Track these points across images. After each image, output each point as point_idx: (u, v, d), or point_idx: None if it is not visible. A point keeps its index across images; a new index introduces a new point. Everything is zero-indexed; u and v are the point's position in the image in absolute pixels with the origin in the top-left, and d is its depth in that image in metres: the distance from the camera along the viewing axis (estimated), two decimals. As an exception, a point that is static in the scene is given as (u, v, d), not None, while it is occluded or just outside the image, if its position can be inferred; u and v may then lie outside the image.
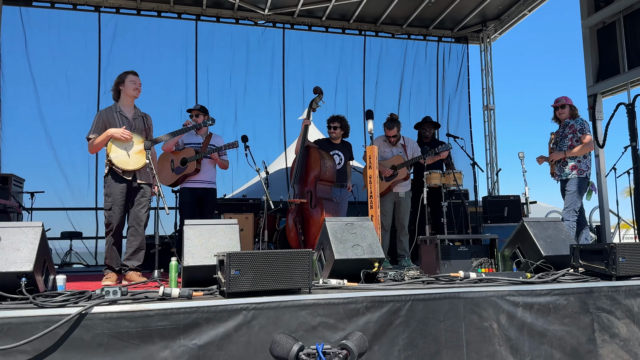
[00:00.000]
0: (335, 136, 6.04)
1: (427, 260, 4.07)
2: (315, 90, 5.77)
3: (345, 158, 6.04)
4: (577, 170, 5.56)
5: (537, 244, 3.87)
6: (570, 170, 5.58)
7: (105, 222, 4.48)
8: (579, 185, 5.52)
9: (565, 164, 5.63)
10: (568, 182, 5.56)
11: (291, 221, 5.46)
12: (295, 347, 1.64)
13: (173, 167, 5.64)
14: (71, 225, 8.41)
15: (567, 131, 5.71)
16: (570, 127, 5.71)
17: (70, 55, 8.74)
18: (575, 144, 5.60)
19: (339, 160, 5.98)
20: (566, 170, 5.62)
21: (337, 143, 6.07)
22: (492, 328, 3.13)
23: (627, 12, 7.49)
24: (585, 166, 5.60)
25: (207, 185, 5.71)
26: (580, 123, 5.71)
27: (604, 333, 3.33)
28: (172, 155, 5.69)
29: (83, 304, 2.59)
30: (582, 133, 5.63)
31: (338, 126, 6.03)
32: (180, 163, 5.61)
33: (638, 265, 3.44)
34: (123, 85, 4.69)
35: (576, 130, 5.66)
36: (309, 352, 1.64)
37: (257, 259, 2.82)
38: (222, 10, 9.22)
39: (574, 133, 5.67)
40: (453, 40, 10.59)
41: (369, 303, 2.93)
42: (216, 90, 9.48)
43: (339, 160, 5.97)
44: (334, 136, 6.04)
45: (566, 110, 5.81)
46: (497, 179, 9.96)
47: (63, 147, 8.58)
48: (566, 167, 5.63)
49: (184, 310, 2.66)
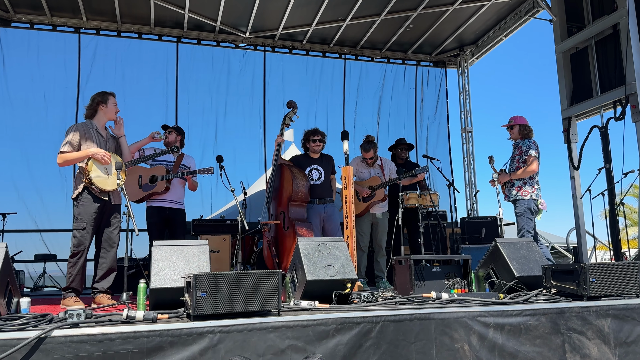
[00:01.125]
0: (317, 149, 5.80)
1: (401, 280, 4.05)
2: (289, 105, 5.63)
3: (327, 172, 5.79)
4: (522, 191, 5.60)
5: (509, 264, 3.89)
6: (516, 192, 5.62)
7: (75, 243, 4.34)
8: (527, 207, 5.56)
9: (512, 185, 5.67)
10: (516, 204, 5.61)
11: (266, 243, 5.40)
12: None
13: (141, 183, 5.44)
14: (45, 248, 8.25)
15: (515, 152, 5.77)
16: (519, 149, 5.76)
17: (49, 77, 8.68)
18: (521, 166, 5.64)
19: (319, 175, 5.74)
20: (513, 191, 5.65)
21: (315, 157, 5.85)
22: (463, 349, 3.10)
23: (598, 37, 7.70)
24: (530, 187, 5.62)
25: (176, 205, 5.57)
26: (527, 145, 5.72)
27: (575, 354, 3.32)
28: (140, 171, 5.49)
29: (43, 327, 2.52)
30: (527, 155, 5.67)
31: (320, 139, 5.80)
32: (149, 180, 5.43)
33: (609, 286, 3.47)
34: (105, 105, 4.64)
35: (522, 152, 5.70)
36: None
37: (224, 280, 2.78)
38: (203, 32, 9.27)
39: (520, 155, 5.71)
40: (431, 64, 10.76)
41: (339, 325, 2.90)
42: (197, 111, 9.46)
43: (318, 175, 5.74)
44: (317, 149, 5.80)
45: (515, 131, 5.84)
46: (476, 201, 10.03)
47: (40, 168, 8.46)
48: (513, 188, 5.66)
49: (147, 333, 2.60)
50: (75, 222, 4.41)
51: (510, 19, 9.26)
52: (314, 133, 5.85)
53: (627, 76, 6.99)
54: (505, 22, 9.40)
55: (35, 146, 8.50)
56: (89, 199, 4.44)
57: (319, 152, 5.86)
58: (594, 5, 7.71)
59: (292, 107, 5.63)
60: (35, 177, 8.42)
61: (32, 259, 8.00)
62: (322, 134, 5.85)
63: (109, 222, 4.58)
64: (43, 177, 8.45)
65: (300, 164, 5.77)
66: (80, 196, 4.45)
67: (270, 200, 5.53)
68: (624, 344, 3.42)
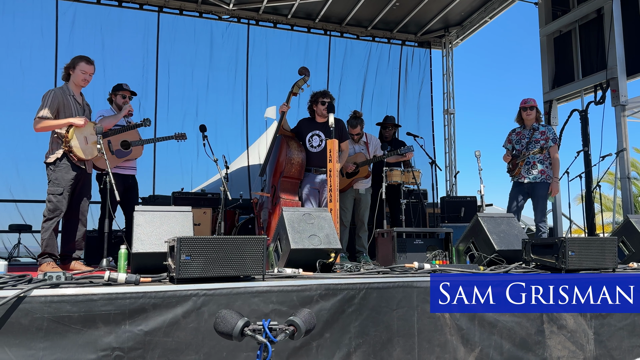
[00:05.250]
0: (325, 113, 5.35)
1: (384, 252, 4.08)
2: (301, 71, 5.20)
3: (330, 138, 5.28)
4: (546, 175, 5.70)
5: (490, 238, 3.94)
6: (540, 175, 5.70)
7: (50, 207, 4.25)
8: (547, 190, 5.70)
9: (534, 167, 5.72)
10: (538, 186, 5.68)
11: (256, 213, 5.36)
12: (241, 322, 1.58)
13: (112, 149, 5.19)
14: (21, 218, 8.09)
15: (538, 136, 5.79)
16: (542, 134, 5.79)
17: (25, 43, 8.42)
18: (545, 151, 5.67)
19: (319, 142, 5.39)
20: (535, 172, 5.71)
21: (320, 122, 5.48)
22: (443, 317, 3.14)
23: (582, 21, 7.77)
24: (550, 171, 5.75)
25: (135, 172, 5.42)
26: (553, 133, 5.84)
27: (552, 324, 3.40)
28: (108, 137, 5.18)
29: (22, 286, 2.47)
30: (555, 143, 5.76)
31: (330, 102, 5.36)
32: (121, 146, 5.21)
33: (587, 259, 3.54)
34: (73, 70, 4.54)
35: (549, 139, 5.75)
36: (254, 327, 1.60)
37: (208, 244, 2.76)
38: (185, 2, 9.07)
39: (546, 140, 5.75)
40: (416, 45, 10.74)
41: (323, 291, 2.91)
42: (177, 84, 9.28)
43: (318, 142, 5.40)
44: (324, 113, 5.38)
45: (533, 113, 5.85)
46: (456, 181, 10.12)
47: (16, 137, 8.24)
48: (535, 170, 5.72)
49: (129, 295, 2.57)
50: (52, 186, 4.31)
51: (496, 1, 9.27)
52: (324, 95, 5.47)
53: (609, 61, 7.09)
54: (490, 4, 9.41)
55: (11, 115, 8.26)
56: (67, 165, 4.36)
57: (326, 117, 5.38)
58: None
59: (304, 74, 5.24)
60: (10, 146, 8.21)
61: (7, 230, 7.84)
62: (331, 97, 5.51)
63: (83, 191, 4.56)
64: (19, 146, 8.23)
65: (302, 129, 5.54)
66: (59, 162, 4.36)
67: (265, 171, 5.44)
68: (600, 316, 3.50)
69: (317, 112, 5.53)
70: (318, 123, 5.56)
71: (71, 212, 4.46)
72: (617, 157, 6.97)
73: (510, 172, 5.87)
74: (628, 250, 4.36)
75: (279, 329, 1.64)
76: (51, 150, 4.41)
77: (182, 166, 9.06)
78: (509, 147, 6.02)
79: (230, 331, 1.57)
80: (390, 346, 3.02)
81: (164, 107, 9.13)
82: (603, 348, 3.55)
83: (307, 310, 1.70)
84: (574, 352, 3.53)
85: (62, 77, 4.60)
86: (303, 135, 5.53)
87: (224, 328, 1.58)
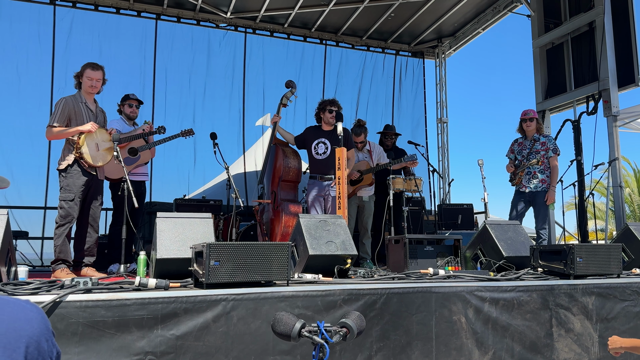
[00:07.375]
0: (332, 122, 5.46)
1: (395, 259, 4.17)
2: (288, 84, 5.47)
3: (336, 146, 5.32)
4: (547, 184, 5.86)
5: (498, 245, 4.05)
6: (541, 184, 5.85)
7: (62, 214, 4.28)
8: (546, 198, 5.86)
9: (534, 177, 5.87)
10: (539, 194, 5.82)
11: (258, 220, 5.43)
12: (298, 324, 1.66)
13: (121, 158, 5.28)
14: (16, 225, 8.01)
15: (539, 147, 5.94)
16: (543, 144, 5.94)
17: (22, 48, 8.38)
18: (545, 161, 5.85)
19: (324, 149, 5.50)
20: (535, 182, 5.86)
21: (326, 130, 5.59)
22: (460, 322, 3.24)
23: (574, 34, 8.00)
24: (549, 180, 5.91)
25: (147, 178, 5.48)
26: (554, 144, 5.99)
27: (561, 328, 3.52)
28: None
29: (56, 292, 2.50)
30: (555, 153, 5.92)
31: (338, 111, 5.45)
32: (129, 153, 5.29)
33: (594, 265, 3.67)
34: (82, 78, 4.59)
35: (549, 149, 5.91)
36: (310, 329, 1.67)
37: (236, 250, 2.82)
38: (183, 10, 9.12)
39: (546, 151, 5.90)
40: (410, 55, 10.91)
41: (346, 296, 2.98)
42: (174, 92, 9.31)
43: (324, 149, 5.50)
44: (331, 121, 5.48)
45: (533, 124, 6.01)
46: (449, 190, 10.28)
47: (12, 142, 8.18)
48: (536, 179, 5.87)
49: (162, 300, 2.62)
50: (63, 193, 4.34)
51: (489, 13, 9.49)
52: (332, 103, 5.58)
53: (601, 73, 7.30)
54: (484, 16, 9.62)
55: (7, 120, 8.21)
56: (78, 171, 4.39)
57: (333, 125, 5.51)
58: (571, 2, 8.00)
59: (290, 86, 5.51)
60: (6, 151, 8.15)
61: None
62: (339, 106, 5.62)
63: (95, 197, 4.56)
64: (14, 152, 8.18)
65: (308, 137, 5.64)
66: (70, 168, 4.38)
67: (262, 179, 5.53)
68: (605, 320, 3.64)
69: (324, 120, 5.64)
70: (324, 131, 5.67)
71: (81, 218, 4.48)
72: (610, 166, 7.17)
73: (511, 182, 6.03)
74: (628, 257, 4.51)
75: (334, 330, 1.71)
76: (63, 156, 4.43)
77: (179, 172, 9.08)
78: (511, 157, 6.17)
79: (289, 332, 1.64)
80: (410, 349, 3.11)
81: (161, 113, 9.14)
82: (607, 351, 3.68)
83: (357, 313, 1.78)
84: (580, 355, 3.66)
85: (75, 85, 4.64)
86: (309, 142, 5.62)
87: (283, 329, 1.65)
